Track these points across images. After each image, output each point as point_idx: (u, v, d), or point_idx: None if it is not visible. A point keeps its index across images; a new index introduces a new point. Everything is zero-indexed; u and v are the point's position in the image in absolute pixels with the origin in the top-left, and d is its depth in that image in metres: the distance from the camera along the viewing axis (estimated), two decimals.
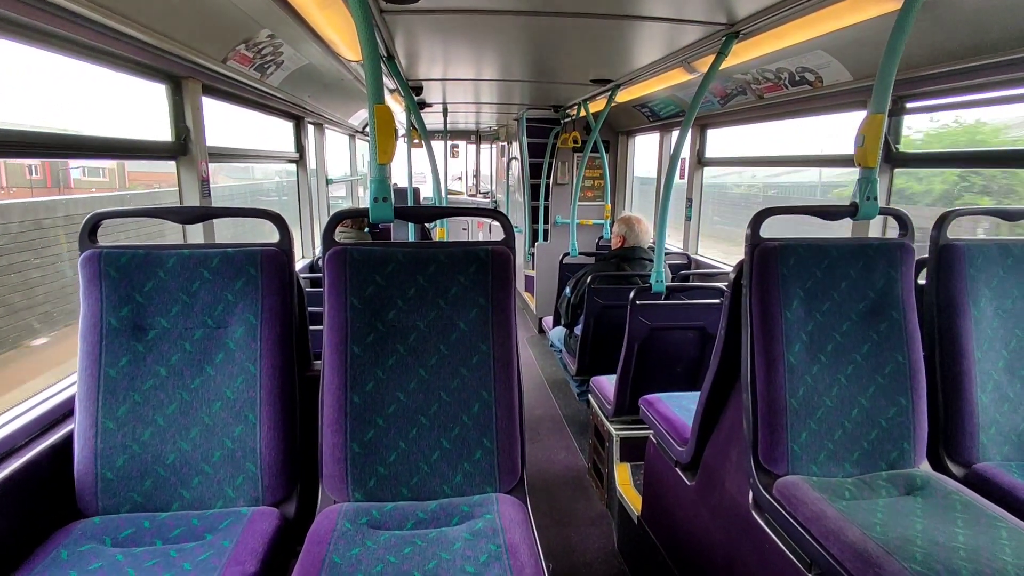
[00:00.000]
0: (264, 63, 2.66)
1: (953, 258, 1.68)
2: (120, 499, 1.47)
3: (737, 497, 1.61)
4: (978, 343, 1.65)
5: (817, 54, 2.48)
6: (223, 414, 1.53)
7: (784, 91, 2.96)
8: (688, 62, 3.01)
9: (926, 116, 2.54)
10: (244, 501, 1.52)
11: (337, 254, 1.57)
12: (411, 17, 2.36)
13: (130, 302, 1.52)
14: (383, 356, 1.56)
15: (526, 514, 1.45)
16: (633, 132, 5.75)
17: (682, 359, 2.75)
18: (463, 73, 3.83)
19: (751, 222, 1.56)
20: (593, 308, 3.17)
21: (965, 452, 1.61)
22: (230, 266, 1.56)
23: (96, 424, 1.47)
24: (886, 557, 1.14)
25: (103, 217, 1.57)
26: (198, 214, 1.78)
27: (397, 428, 1.55)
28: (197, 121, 2.39)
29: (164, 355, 1.53)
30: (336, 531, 1.35)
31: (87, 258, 1.51)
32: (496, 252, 1.62)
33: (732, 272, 1.62)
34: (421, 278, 1.59)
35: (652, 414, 2.14)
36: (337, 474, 1.52)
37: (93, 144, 1.92)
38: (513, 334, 1.62)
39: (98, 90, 2.80)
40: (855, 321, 1.57)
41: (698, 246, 4.45)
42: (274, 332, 1.57)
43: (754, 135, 3.91)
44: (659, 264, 2.79)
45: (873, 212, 1.61)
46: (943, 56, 2.01)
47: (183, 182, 2.42)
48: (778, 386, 1.49)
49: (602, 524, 2.67)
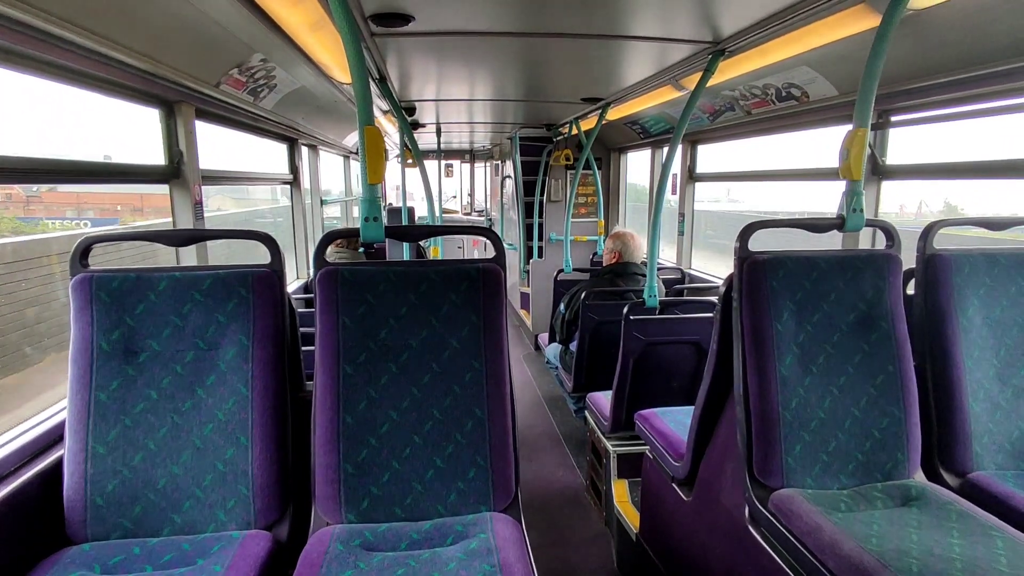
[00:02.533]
0: (257, 87, 2.69)
1: (940, 268, 1.69)
2: (110, 525, 1.45)
3: (733, 511, 1.60)
4: (968, 352, 1.65)
5: (802, 70, 2.52)
6: (214, 437, 1.51)
7: (772, 107, 3.00)
8: (676, 80, 3.05)
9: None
10: (236, 525, 1.50)
11: (328, 274, 1.57)
12: (402, 40, 2.40)
13: (121, 325, 1.51)
14: (375, 375, 1.56)
15: (521, 533, 1.43)
16: (625, 149, 5.81)
17: (677, 374, 2.75)
18: (456, 93, 3.87)
19: (739, 235, 1.57)
20: (588, 324, 3.17)
21: (959, 461, 1.61)
22: (221, 288, 1.56)
23: (86, 449, 1.46)
24: (882, 570, 1.13)
25: (94, 241, 1.57)
26: (188, 236, 1.78)
27: (390, 448, 1.54)
28: (190, 145, 2.40)
29: (155, 378, 1.52)
30: (329, 553, 1.34)
31: (78, 282, 1.51)
32: (487, 270, 1.62)
33: (722, 286, 1.62)
34: (412, 296, 1.59)
35: (648, 430, 2.14)
36: (330, 495, 1.50)
37: (85, 169, 1.93)
38: (505, 351, 1.62)
39: (90, 117, 2.82)
40: (845, 332, 1.57)
41: (691, 261, 4.47)
42: (266, 353, 1.56)
43: (746, 151, 3.95)
44: (652, 279, 2.80)
45: (859, 224, 1.63)
46: (925, 70, 2.05)
47: (176, 205, 2.43)
48: (771, 399, 1.49)
49: (601, 542, 2.64)
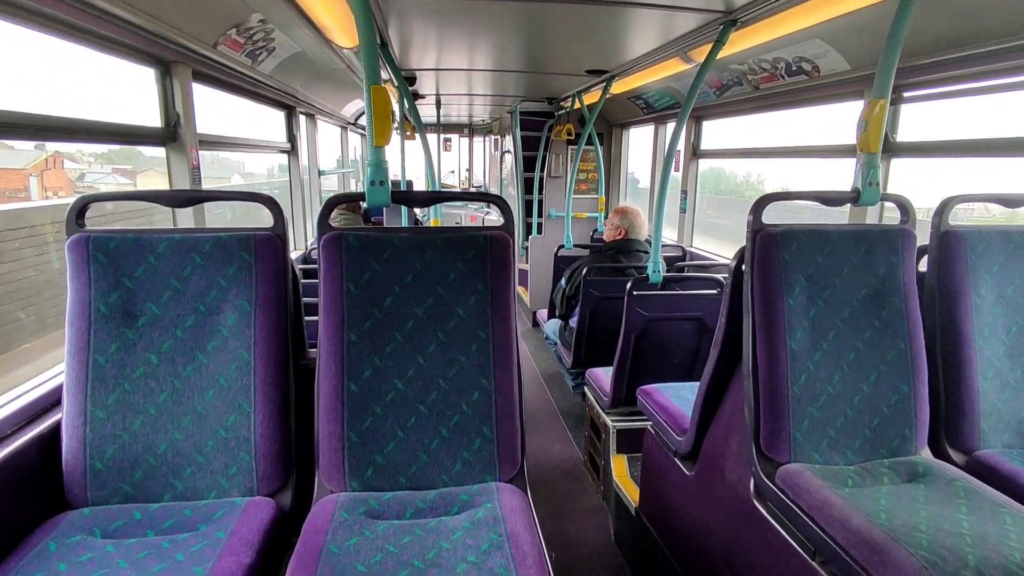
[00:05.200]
0: (255, 49, 2.61)
1: (954, 245, 1.67)
2: (110, 490, 1.43)
3: (737, 486, 1.60)
4: (979, 330, 1.64)
5: (815, 43, 2.46)
6: (216, 402, 1.49)
7: (780, 81, 2.95)
8: (684, 52, 2.99)
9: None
10: (238, 491, 1.48)
11: (333, 239, 1.54)
12: (405, 2, 2.32)
13: (119, 288, 1.48)
14: (380, 343, 1.53)
15: (527, 503, 1.42)
16: (628, 124, 5.73)
17: (679, 350, 2.74)
18: (457, 63, 3.78)
19: (753, 208, 1.54)
20: (589, 300, 3.15)
21: (966, 439, 1.61)
22: (223, 251, 1.52)
23: (85, 413, 1.43)
24: (892, 544, 1.13)
25: (92, 200, 1.52)
26: (188, 197, 1.74)
27: (395, 417, 1.52)
28: (187, 107, 2.34)
29: (155, 342, 1.49)
30: (333, 521, 1.33)
31: (74, 242, 1.47)
32: (495, 237, 1.59)
33: (733, 259, 1.60)
34: (419, 264, 1.56)
35: (650, 404, 2.13)
36: (334, 463, 1.49)
37: (80, 127, 1.87)
38: (512, 321, 1.59)
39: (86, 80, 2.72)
40: (857, 308, 1.55)
41: (693, 239, 4.44)
42: (269, 319, 1.53)
43: (750, 129, 3.90)
44: (656, 254, 2.77)
45: (875, 198, 1.60)
46: (943, 44, 2.00)
47: (173, 170, 2.38)
48: (780, 373, 1.48)
49: (598, 516, 2.66)
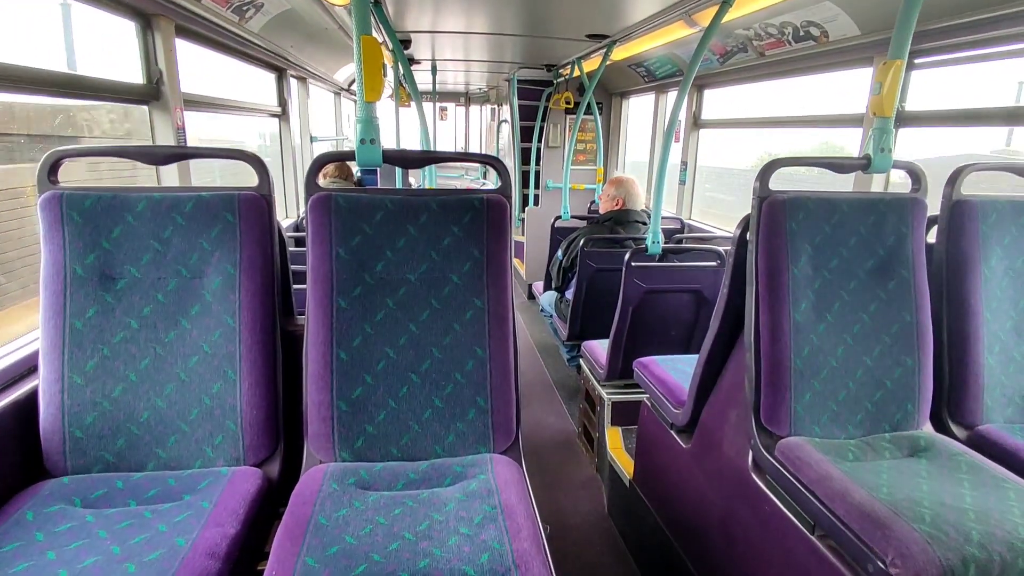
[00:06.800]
0: (243, 4, 2.49)
1: (966, 215, 1.61)
2: (91, 458, 1.38)
3: (735, 459, 1.57)
4: (987, 303, 1.60)
5: (825, 6, 2.37)
6: (200, 369, 1.44)
7: (787, 47, 2.85)
8: (689, 15, 2.88)
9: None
10: (224, 461, 1.44)
11: (321, 200, 1.47)
12: None
13: (96, 249, 1.41)
14: (371, 310, 1.48)
15: (522, 475, 1.39)
16: (628, 93, 5.61)
17: (676, 323, 2.70)
18: (453, 25, 3.66)
19: (759, 174, 1.48)
20: (586, 271, 3.10)
21: (968, 414, 1.58)
22: (205, 212, 1.45)
23: (62, 379, 1.38)
24: (894, 518, 1.10)
25: (65, 155, 1.44)
26: (168, 154, 1.65)
27: (386, 386, 1.47)
28: (171, 64, 2.23)
29: (135, 306, 1.43)
30: (322, 492, 1.29)
31: (47, 200, 1.39)
32: (492, 201, 1.52)
33: (737, 227, 1.54)
34: (412, 228, 1.49)
35: (647, 376, 2.09)
36: (323, 433, 1.45)
37: (55, 80, 1.77)
38: (508, 289, 1.54)
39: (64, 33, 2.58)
40: (863, 279, 1.51)
41: (691, 211, 4.38)
42: (254, 283, 1.47)
43: (751, 98, 3.81)
44: (656, 225, 2.71)
45: (887, 165, 1.54)
46: (958, 8, 1.92)
47: (157, 130, 2.28)
48: (783, 345, 1.44)
49: (592, 488, 2.65)
